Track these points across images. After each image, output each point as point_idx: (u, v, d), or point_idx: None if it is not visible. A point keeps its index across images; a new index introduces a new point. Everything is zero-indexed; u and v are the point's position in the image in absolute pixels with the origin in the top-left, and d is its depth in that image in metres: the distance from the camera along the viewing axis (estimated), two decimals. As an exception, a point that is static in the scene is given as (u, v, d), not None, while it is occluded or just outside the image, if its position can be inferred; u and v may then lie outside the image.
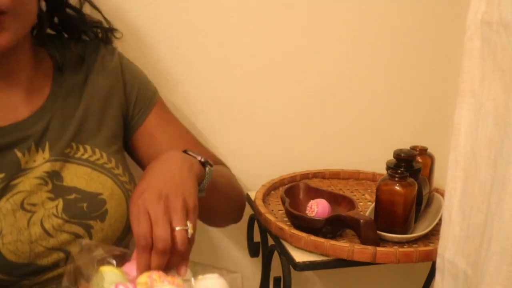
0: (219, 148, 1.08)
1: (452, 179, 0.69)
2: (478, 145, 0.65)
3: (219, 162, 0.92)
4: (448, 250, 0.70)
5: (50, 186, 0.67)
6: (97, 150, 0.72)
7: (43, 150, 0.68)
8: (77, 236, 0.66)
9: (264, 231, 0.96)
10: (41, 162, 0.67)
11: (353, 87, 1.13)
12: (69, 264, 0.58)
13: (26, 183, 0.64)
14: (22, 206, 0.63)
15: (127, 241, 0.74)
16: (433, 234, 0.86)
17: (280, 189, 1.05)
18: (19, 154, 0.65)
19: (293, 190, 0.93)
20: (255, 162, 1.11)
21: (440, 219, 0.74)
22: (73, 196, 0.67)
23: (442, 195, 0.81)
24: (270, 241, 0.95)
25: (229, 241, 1.14)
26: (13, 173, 0.64)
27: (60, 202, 0.66)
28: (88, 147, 0.72)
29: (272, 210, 0.95)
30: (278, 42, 1.06)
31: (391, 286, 1.29)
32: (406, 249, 0.79)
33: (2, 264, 0.60)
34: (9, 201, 0.62)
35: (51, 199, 0.66)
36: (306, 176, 1.11)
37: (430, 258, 0.79)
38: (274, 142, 1.12)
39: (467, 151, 0.66)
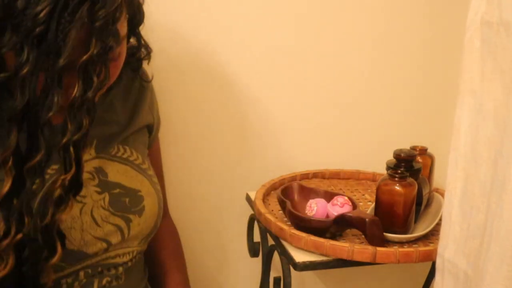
0: (219, 148, 1.08)
1: (452, 179, 0.69)
2: (478, 145, 0.65)
3: (166, 206, 0.95)
4: (448, 250, 0.70)
5: (96, 180, 0.71)
6: (134, 152, 0.77)
7: (90, 148, 0.71)
8: (119, 228, 0.71)
9: (264, 231, 0.96)
10: (88, 158, 0.71)
11: (353, 87, 1.13)
12: None
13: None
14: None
15: (149, 239, 0.78)
16: (433, 234, 0.86)
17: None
18: None
19: (287, 191, 0.93)
20: (255, 162, 1.11)
21: (440, 219, 0.74)
22: (117, 190, 0.71)
23: (442, 195, 0.81)
24: (270, 241, 0.95)
25: (229, 241, 1.14)
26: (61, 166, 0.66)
27: (106, 196, 0.70)
28: (127, 148, 0.76)
29: (272, 210, 0.95)
30: (278, 42, 1.06)
31: (391, 286, 1.29)
32: (406, 249, 0.79)
33: None
34: None
35: (98, 193, 0.70)
36: (306, 176, 1.11)
37: (430, 258, 0.79)
38: (274, 142, 1.12)
39: (467, 151, 0.66)
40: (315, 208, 0.85)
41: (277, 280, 0.92)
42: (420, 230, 0.86)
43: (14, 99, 0.53)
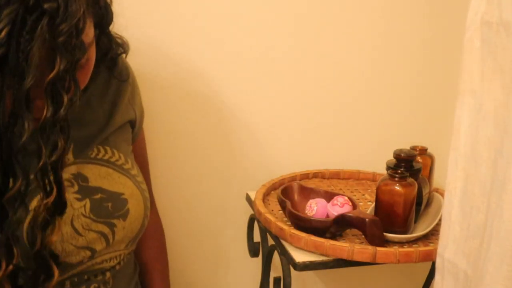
0: (219, 148, 1.08)
1: (452, 179, 0.69)
2: (478, 145, 0.65)
3: (152, 199, 0.94)
4: (448, 250, 0.70)
5: (76, 187, 0.68)
6: (116, 152, 0.74)
7: (67, 153, 0.68)
8: (103, 235, 0.68)
9: (264, 231, 0.96)
10: (66, 164, 0.67)
11: (353, 87, 1.13)
12: None
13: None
14: None
15: (137, 240, 0.77)
16: (433, 234, 0.86)
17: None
18: None
19: (287, 191, 0.93)
20: (255, 162, 1.11)
21: (440, 219, 0.74)
22: (98, 196, 0.69)
23: (442, 195, 0.81)
24: (270, 241, 0.95)
25: (229, 241, 1.14)
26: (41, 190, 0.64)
27: (87, 202, 0.68)
28: (108, 149, 0.73)
29: (272, 210, 0.95)
30: (278, 42, 1.06)
31: (391, 286, 1.29)
32: (406, 249, 0.79)
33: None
34: None
35: (79, 200, 0.67)
36: (306, 176, 1.11)
37: (430, 258, 0.79)
38: (274, 142, 1.12)
39: (467, 151, 0.66)
40: (315, 208, 0.85)
41: (277, 280, 0.92)
42: (420, 230, 0.86)
43: None
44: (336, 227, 0.82)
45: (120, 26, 0.74)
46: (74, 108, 0.55)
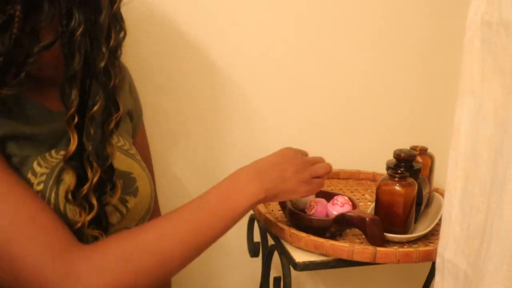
0: (219, 148, 1.08)
1: (452, 179, 0.69)
2: (478, 145, 0.65)
3: (157, 208, 0.97)
4: (448, 250, 0.70)
5: None
6: (121, 139, 0.78)
7: None
8: (117, 209, 0.72)
9: (264, 231, 0.96)
10: None
11: (353, 87, 1.13)
12: None
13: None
14: None
15: (145, 221, 0.79)
16: (433, 234, 0.86)
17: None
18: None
19: None
20: (255, 162, 1.11)
21: (440, 219, 0.74)
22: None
23: (442, 195, 0.81)
24: (270, 241, 0.95)
25: (229, 241, 1.14)
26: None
27: None
28: (114, 136, 0.76)
29: (272, 210, 0.95)
30: (277, 42, 1.06)
31: (391, 286, 1.29)
32: (406, 249, 0.79)
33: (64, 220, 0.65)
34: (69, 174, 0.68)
35: None
36: (306, 176, 1.11)
37: (430, 258, 0.79)
38: (274, 142, 1.11)
39: (467, 151, 0.66)
40: (315, 208, 0.85)
41: (277, 280, 0.92)
42: (420, 230, 0.86)
43: (71, 60, 0.58)
44: (336, 227, 0.82)
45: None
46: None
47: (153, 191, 0.80)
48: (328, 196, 0.90)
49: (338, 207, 0.84)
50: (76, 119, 0.61)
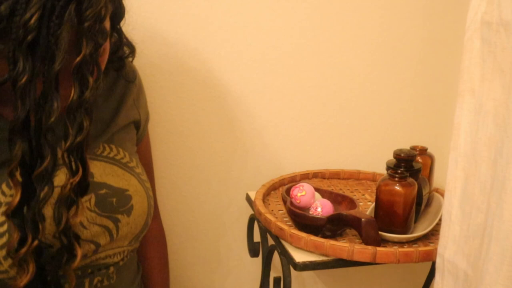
0: (219, 148, 1.08)
1: (452, 179, 0.69)
2: (478, 145, 0.65)
3: (156, 207, 0.95)
4: (448, 250, 0.70)
5: None
6: (121, 150, 0.76)
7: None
8: (107, 229, 0.70)
9: (264, 231, 0.96)
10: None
11: (353, 87, 1.13)
12: None
13: (61, 177, 0.66)
14: None
15: (141, 237, 0.78)
16: (433, 234, 0.86)
17: (280, 189, 1.05)
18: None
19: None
20: (255, 162, 1.11)
21: (440, 219, 0.74)
22: (103, 191, 0.70)
23: (442, 195, 0.81)
24: (270, 241, 0.95)
25: (229, 241, 1.14)
26: (67, 170, 0.67)
27: (92, 197, 0.69)
28: (113, 147, 0.75)
29: (272, 210, 0.95)
30: (277, 42, 1.06)
31: (391, 286, 1.29)
32: (406, 249, 0.79)
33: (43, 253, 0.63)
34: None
35: None
36: (306, 176, 1.11)
37: (430, 258, 0.79)
38: (274, 142, 1.12)
39: (467, 151, 0.66)
40: (319, 210, 0.85)
41: (277, 280, 0.92)
42: (420, 230, 0.86)
43: (15, 109, 0.52)
44: (331, 226, 0.82)
45: (127, 27, 0.74)
46: (98, 91, 0.58)
47: (152, 206, 0.77)
48: (329, 196, 0.90)
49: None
50: (18, 174, 0.55)
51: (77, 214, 0.60)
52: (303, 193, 0.86)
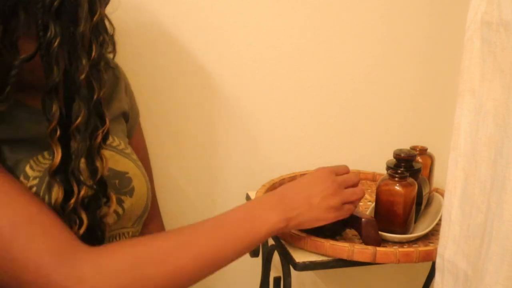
0: (219, 148, 1.08)
1: (452, 179, 0.69)
2: (478, 145, 0.65)
3: (157, 209, 0.96)
4: (448, 250, 0.70)
5: None
6: (116, 138, 0.78)
7: None
8: (113, 211, 0.71)
9: (264, 231, 0.96)
10: None
11: (353, 87, 1.13)
12: None
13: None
14: None
15: (143, 220, 0.79)
16: (433, 234, 0.86)
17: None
18: None
19: None
20: (255, 162, 1.11)
21: (440, 219, 0.74)
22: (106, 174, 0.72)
23: (442, 195, 0.81)
24: (270, 241, 0.95)
25: (229, 241, 1.14)
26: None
27: None
28: (110, 136, 0.75)
29: (272, 210, 0.95)
30: (278, 42, 1.06)
31: (391, 286, 1.29)
32: (406, 249, 0.79)
33: None
34: None
35: None
36: (306, 176, 1.11)
37: (430, 258, 0.79)
38: (274, 142, 1.12)
39: (467, 151, 0.66)
40: None
41: (277, 280, 0.92)
42: (420, 230, 0.86)
43: (49, 73, 0.57)
44: (331, 226, 0.82)
45: (121, 24, 0.74)
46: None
47: (150, 190, 0.79)
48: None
49: None
50: (58, 133, 0.59)
51: (106, 163, 0.65)
52: None
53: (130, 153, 0.78)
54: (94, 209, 0.64)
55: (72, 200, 0.61)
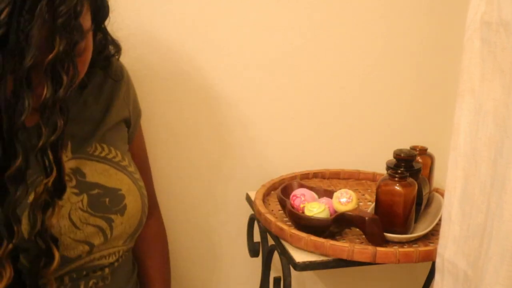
0: (219, 148, 1.08)
1: (452, 179, 0.69)
2: (478, 145, 0.65)
3: (156, 204, 0.95)
4: (448, 250, 0.70)
5: (74, 182, 0.69)
6: (112, 149, 0.75)
7: (66, 150, 0.70)
8: (100, 229, 0.69)
9: (264, 231, 0.96)
10: (65, 159, 0.68)
11: (353, 87, 1.13)
12: None
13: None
14: None
15: (136, 237, 0.77)
16: (433, 234, 0.86)
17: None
18: None
19: (287, 190, 0.93)
20: (255, 162, 1.11)
21: (440, 219, 0.74)
22: (96, 191, 0.70)
23: (442, 195, 0.81)
24: (270, 241, 0.95)
25: (229, 241, 1.14)
26: (41, 170, 0.66)
27: (84, 197, 0.69)
28: (105, 146, 0.74)
29: (272, 210, 0.95)
30: (278, 42, 1.06)
31: (391, 286, 1.29)
32: (406, 249, 0.79)
33: None
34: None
35: (76, 194, 0.68)
36: (306, 176, 1.11)
37: (430, 258, 0.79)
38: (274, 142, 1.12)
39: (467, 151, 0.66)
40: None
41: (277, 280, 0.92)
42: (420, 230, 0.86)
43: None
44: (336, 226, 0.82)
45: (120, 24, 0.74)
46: (72, 90, 0.56)
47: (146, 204, 0.77)
48: (328, 195, 0.90)
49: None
50: None
51: (53, 216, 0.58)
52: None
53: (126, 166, 0.75)
54: (31, 269, 0.60)
55: (1, 251, 0.56)
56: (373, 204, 0.88)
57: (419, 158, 0.93)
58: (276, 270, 1.03)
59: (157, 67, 1.01)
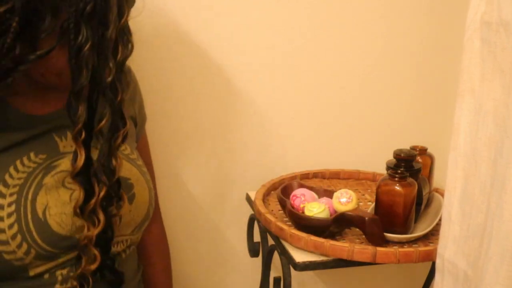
0: (219, 148, 1.08)
1: (452, 179, 0.69)
2: (478, 145, 0.65)
3: (158, 209, 0.96)
4: (448, 250, 0.70)
5: None
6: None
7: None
8: None
9: (264, 231, 0.96)
10: None
11: (353, 87, 1.13)
12: None
13: (66, 163, 0.68)
14: (63, 184, 0.67)
15: (143, 229, 0.79)
16: (433, 234, 0.86)
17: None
18: (57, 139, 0.70)
19: (287, 190, 0.93)
20: (255, 162, 1.11)
21: (440, 219, 0.74)
22: None
23: (442, 195, 0.81)
24: (270, 241, 0.95)
25: (229, 241, 1.14)
26: (53, 155, 0.69)
27: None
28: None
29: (272, 210, 0.95)
30: (278, 43, 1.06)
31: (391, 286, 1.29)
32: (406, 249, 0.79)
33: (48, 234, 0.65)
34: (53, 178, 0.67)
35: None
36: (306, 176, 1.11)
37: (430, 258, 0.79)
38: (274, 142, 1.12)
39: (467, 151, 0.66)
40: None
41: (277, 280, 0.92)
42: (420, 230, 0.86)
43: (78, 75, 0.57)
44: (336, 226, 0.82)
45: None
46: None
47: (153, 198, 0.79)
48: (328, 195, 0.90)
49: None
50: (83, 135, 0.60)
51: (122, 163, 0.66)
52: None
53: (135, 159, 0.78)
54: (108, 208, 0.66)
55: (93, 201, 0.62)
56: (373, 204, 0.88)
57: (419, 158, 0.93)
58: (276, 270, 1.03)
59: (159, 66, 1.01)
